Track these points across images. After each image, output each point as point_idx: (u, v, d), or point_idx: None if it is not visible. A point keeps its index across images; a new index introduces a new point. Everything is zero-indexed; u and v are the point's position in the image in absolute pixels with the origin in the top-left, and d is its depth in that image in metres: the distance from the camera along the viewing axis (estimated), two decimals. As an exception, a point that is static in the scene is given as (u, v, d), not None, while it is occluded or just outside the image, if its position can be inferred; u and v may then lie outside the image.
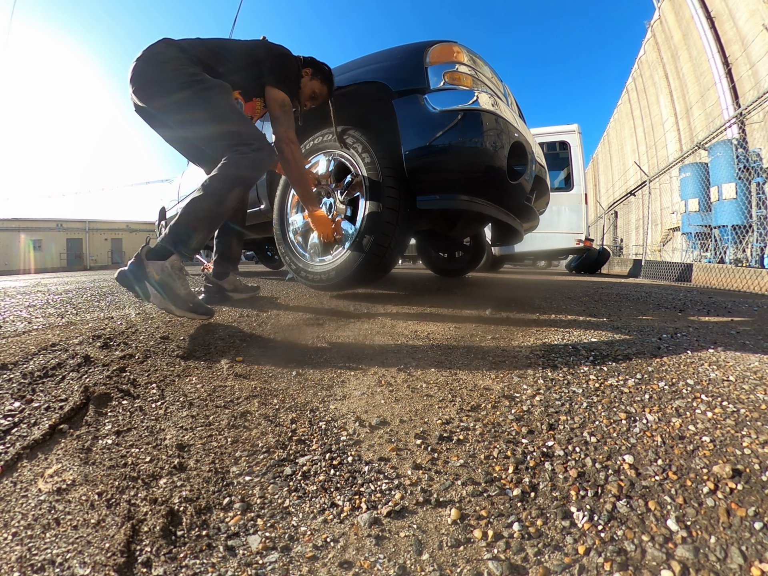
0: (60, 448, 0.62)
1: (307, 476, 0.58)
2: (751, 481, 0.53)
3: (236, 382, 0.87)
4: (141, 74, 1.30)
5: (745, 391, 0.79)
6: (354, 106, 1.93)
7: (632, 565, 0.42)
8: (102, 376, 0.85)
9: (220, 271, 1.77)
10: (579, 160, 5.77)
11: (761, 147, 6.34)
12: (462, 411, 0.76)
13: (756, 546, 0.44)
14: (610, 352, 1.06)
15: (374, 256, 1.57)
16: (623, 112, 15.76)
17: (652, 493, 0.53)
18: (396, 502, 0.52)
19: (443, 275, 3.67)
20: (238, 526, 0.48)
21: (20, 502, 0.51)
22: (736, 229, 5.90)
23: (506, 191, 1.67)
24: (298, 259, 1.86)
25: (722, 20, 8.99)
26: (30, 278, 4.62)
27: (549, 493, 0.54)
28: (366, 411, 0.76)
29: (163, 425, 0.69)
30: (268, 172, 2.20)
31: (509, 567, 0.43)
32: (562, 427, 0.69)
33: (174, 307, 1.19)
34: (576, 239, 5.63)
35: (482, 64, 1.69)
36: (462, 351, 1.10)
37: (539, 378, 0.90)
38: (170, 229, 1.22)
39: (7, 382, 0.81)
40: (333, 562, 0.44)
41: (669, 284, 4.04)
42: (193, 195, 1.27)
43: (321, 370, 0.94)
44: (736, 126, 7.61)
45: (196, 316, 1.25)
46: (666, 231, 10.94)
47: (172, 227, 1.23)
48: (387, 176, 1.56)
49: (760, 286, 3.25)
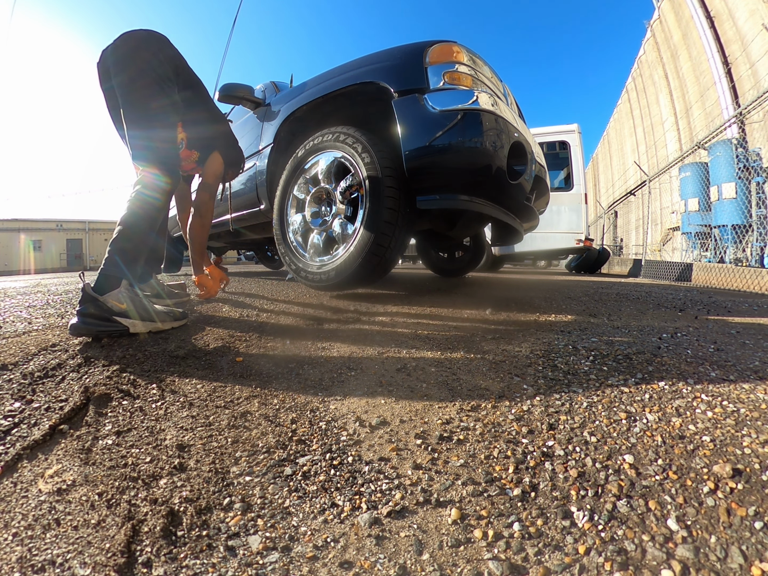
0: (60, 449, 0.62)
1: (307, 476, 0.58)
2: (751, 480, 0.53)
3: (236, 382, 0.87)
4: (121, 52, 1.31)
5: (745, 390, 0.79)
6: (354, 107, 1.93)
7: (632, 565, 0.42)
8: (102, 376, 0.85)
9: (142, 274, 1.61)
10: (579, 160, 5.77)
11: (761, 146, 6.34)
12: (462, 411, 0.76)
13: (756, 545, 0.44)
14: (610, 352, 1.06)
15: (374, 256, 1.57)
16: (623, 111, 15.76)
17: (653, 492, 0.53)
18: (396, 502, 0.52)
19: (443, 275, 3.67)
20: (238, 527, 0.48)
21: (20, 502, 0.51)
22: (736, 229, 5.90)
23: (506, 191, 1.67)
24: (298, 259, 1.86)
25: (722, 20, 8.99)
26: (30, 278, 4.62)
27: (549, 492, 0.54)
28: (366, 411, 0.76)
29: (163, 425, 0.69)
30: (268, 172, 2.20)
31: (509, 567, 0.43)
32: (562, 426, 0.69)
33: (160, 324, 1.18)
34: (576, 239, 5.63)
35: (482, 64, 1.69)
36: (462, 351, 1.10)
37: (539, 378, 0.90)
38: (108, 260, 1.14)
39: (7, 382, 0.81)
40: (333, 562, 0.44)
41: (669, 284, 4.04)
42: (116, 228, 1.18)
43: (321, 370, 0.94)
44: (736, 125, 7.61)
45: (181, 322, 1.27)
46: (666, 231, 10.94)
47: (109, 259, 1.14)
48: (387, 176, 1.56)
49: (760, 285, 3.25)
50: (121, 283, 1.13)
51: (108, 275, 1.11)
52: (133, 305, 1.12)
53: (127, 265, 1.16)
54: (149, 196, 1.23)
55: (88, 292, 1.06)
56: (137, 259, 1.22)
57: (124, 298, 1.10)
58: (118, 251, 1.14)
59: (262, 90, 2.71)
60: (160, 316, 1.19)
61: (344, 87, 1.75)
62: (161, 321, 1.18)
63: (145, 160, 1.27)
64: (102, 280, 1.09)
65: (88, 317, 1.05)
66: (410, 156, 1.50)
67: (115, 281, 1.11)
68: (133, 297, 1.14)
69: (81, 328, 1.04)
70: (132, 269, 1.18)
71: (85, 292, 1.06)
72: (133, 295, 1.15)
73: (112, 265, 1.12)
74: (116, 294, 1.09)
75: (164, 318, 1.20)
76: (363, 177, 1.61)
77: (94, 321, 1.05)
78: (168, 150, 1.32)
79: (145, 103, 1.28)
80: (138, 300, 1.15)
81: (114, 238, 1.15)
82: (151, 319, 1.16)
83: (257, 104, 2.43)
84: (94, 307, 1.05)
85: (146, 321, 1.14)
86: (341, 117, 2.01)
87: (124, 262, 1.14)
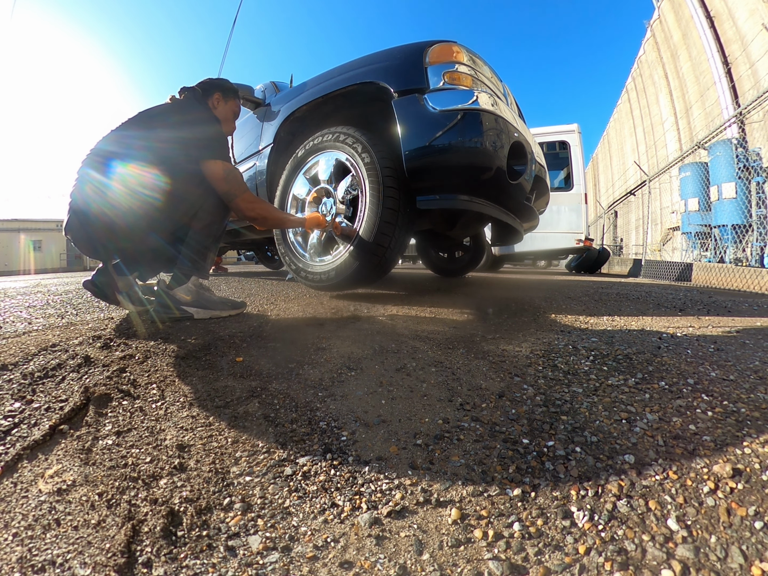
0: (60, 449, 0.62)
1: (307, 476, 0.58)
2: (751, 480, 0.53)
3: (236, 382, 0.87)
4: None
5: (746, 390, 0.79)
6: (354, 107, 1.93)
7: (633, 565, 0.42)
8: (102, 376, 0.85)
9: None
10: (579, 160, 5.77)
11: (761, 146, 6.33)
12: (462, 411, 0.76)
13: (756, 545, 0.44)
14: (610, 351, 1.06)
15: (374, 256, 1.57)
16: (623, 111, 15.75)
17: (653, 492, 0.53)
18: (396, 502, 0.52)
19: (443, 275, 3.67)
20: (238, 527, 0.48)
21: (21, 502, 0.51)
22: (735, 229, 5.89)
23: (506, 191, 1.67)
24: (298, 259, 1.86)
25: (722, 20, 8.99)
26: (30, 279, 4.62)
27: (549, 492, 0.54)
28: (366, 411, 0.76)
29: (163, 425, 0.69)
30: (268, 172, 2.20)
31: (510, 567, 0.43)
32: (562, 426, 0.69)
33: (219, 312, 1.40)
34: (576, 239, 5.63)
35: (482, 64, 1.69)
36: (462, 351, 1.10)
37: (539, 378, 0.90)
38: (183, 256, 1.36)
39: (7, 382, 0.81)
40: (333, 563, 0.44)
41: (669, 284, 4.04)
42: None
43: (321, 370, 0.94)
44: (736, 125, 7.61)
45: (239, 310, 1.47)
46: (666, 230, 10.93)
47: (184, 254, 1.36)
48: (387, 176, 1.56)
49: (760, 285, 3.25)
50: (189, 280, 1.34)
51: (181, 273, 1.34)
52: (197, 297, 1.36)
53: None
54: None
55: (162, 287, 1.34)
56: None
57: (189, 291, 1.34)
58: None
59: (262, 90, 2.71)
60: (218, 305, 1.41)
61: (344, 87, 1.75)
62: (219, 309, 1.40)
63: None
64: (175, 276, 1.35)
65: (161, 306, 1.32)
66: (410, 156, 1.50)
67: (183, 277, 1.34)
68: (197, 290, 1.37)
69: (157, 314, 1.32)
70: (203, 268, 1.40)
71: (159, 287, 1.34)
72: (198, 289, 1.37)
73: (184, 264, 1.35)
74: (184, 288, 1.34)
75: (222, 307, 1.42)
76: (363, 177, 1.61)
77: (165, 309, 1.32)
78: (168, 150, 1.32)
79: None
80: (201, 293, 1.38)
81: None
82: (211, 308, 1.38)
83: (257, 104, 2.43)
84: (167, 297, 1.32)
85: (207, 309, 1.37)
86: (341, 117, 2.01)
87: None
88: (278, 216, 1.57)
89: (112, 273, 1.38)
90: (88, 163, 1.28)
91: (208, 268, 1.42)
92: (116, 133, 1.31)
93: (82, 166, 1.28)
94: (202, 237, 1.35)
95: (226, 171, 1.31)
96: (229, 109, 1.55)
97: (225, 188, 1.32)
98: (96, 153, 1.28)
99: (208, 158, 1.30)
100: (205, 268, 1.40)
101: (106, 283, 1.39)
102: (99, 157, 1.27)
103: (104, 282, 1.39)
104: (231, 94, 1.55)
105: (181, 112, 1.37)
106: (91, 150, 1.30)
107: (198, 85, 1.51)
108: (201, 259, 1.37)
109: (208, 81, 1.52)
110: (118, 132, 1.32)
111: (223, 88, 1.53)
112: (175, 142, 1.29)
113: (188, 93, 1.47)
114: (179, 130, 1.30)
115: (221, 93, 1.51)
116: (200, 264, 1.37)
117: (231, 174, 1.32)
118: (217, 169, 1.30)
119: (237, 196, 1.34)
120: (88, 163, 1.27)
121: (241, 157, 2.54)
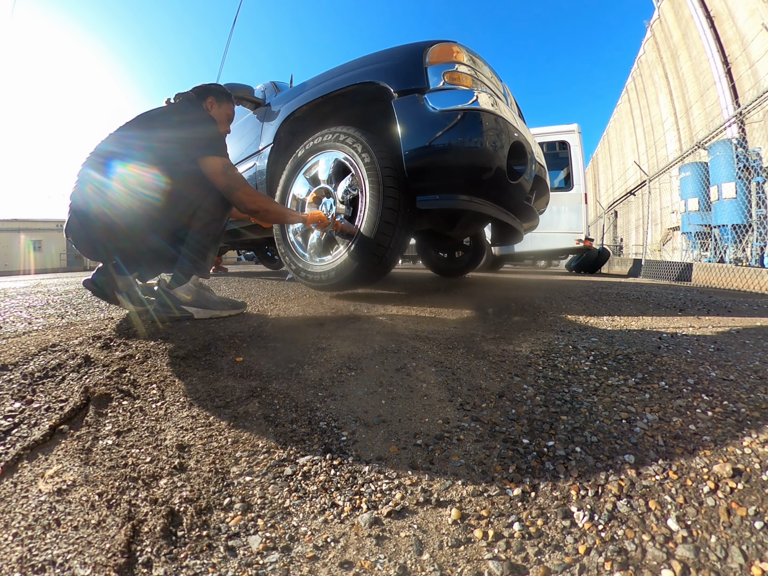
0: (60, 449, 0.62)
1: (307, 476, 0.58)
2: (751, 480, 0.53)
3: (236, 382, 0.87)
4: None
5: (746, 390, 0.79)
6: (354, 107, 1.93)
7: (633, 565, 0.42)
8: (102, 376, 0.85)
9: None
10: (579, 160, 5.76)
11: (761, 146, 6.33)
12: (462, 411, 0.76)
13: (756, 545, 0.44)
14: (610, 351, 1.06)
15: (374, 256, 1.57)
16: (623, 111, 15.75)
17: (653, 492, 0.53)
18: (396, 502, 0.52)
19: (443, 275, 3.67)
20: (238, 527, 0.48)
21: (21, 502, 0.51)
22: (736, 229, 5.89)
23: (506, 191, 1.67)
24: (298, 259, 1.86)
25: (722, 20, 8.98)
26: (30, 279, 4.62)
27: (549, 492, 0.54)
28: (366, 411, 0.76)
29: (163, 426, 0.69)
30: (268, 172, 2.20)
31: (510, 567, 0.43)
32: (562, 426, 0.69)
33: (219, 312, 1.40)
34: (576, 239, 5.63)
35: (482, 64, 1.69)
36: (462, 351, 1.10)
37: (539, 378, 0.90)
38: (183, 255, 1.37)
39: (7, 382, 0.81)
40: (333, 563, 0.44)
41: (669, 284, 4.04)
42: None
43: (321, 370, 0.94)
44: (736, 125, 7.60)
45: (239, 310, 1.48)
46: (666, 230, 10.93)
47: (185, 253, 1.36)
48: (387, 176, 1.56)
49: (760, 285, 3.25)
50: (189, 279, 1.35)
51: (181, 273, 1.35)
52: (197, 296, 1.36)
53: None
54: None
55: (162, 287, 1.34)
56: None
57: (190, 291, 1.35)
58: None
59: (262, 90, 2.71)
60: (218, 305, 1.42)
61: (344, 87, 1.75)
62: (220, 309, 1.41)
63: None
64: (175, 276, 1.35)
65: (161, 306, 1.33)
66: (410, 156, 1.50)
67: (184, 277, 1.34)
68: (197, 290, 1.37)
69: (157, 313, 1.33)
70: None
71: (160, 286, 1.34)
72: (198, 288, 1.38)
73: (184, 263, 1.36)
74: (184, 288, 1.34)
75: (222, 307, 1.43)
76: (363, 177, 1.61)
77: (165, 308, 1.32)
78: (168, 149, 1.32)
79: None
80: (201, 293, 1.39)
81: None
82: (211, 308, 1.39)
83: (257, 104, 2.43)
84: (167, 297, 1.33)
85: (207, 309, 1.38)
86: (341, 117, 2.01)
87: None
88: (279, 209, 1.56)
89: (112, 272, 1.39)
90: (88, 163, 1.29)
91: (208, 268, 1.43)
92: (116, 134, 1.32)
93: (83, 167, 1.29)
94: (201, 236, 1.36)
95: (225, 166, 1.31)
96: (223, 111, 1.57)
97: (225, 182, 1.31)
98: (96, 153, 1.30)
99: (207, 155, 1.30)
100: (205, 268, 1.40)
101: (106, 282, 1.40)
102: (99, 157, 1.28)
103: (104, 281, 1.40)
104: (224, 98, 1.58)
105: (180, 113, 1.38)
106: (91, 152, 1.31)
107: (192, 90, 1.53)
108: (201, 259, 1.37)
109: (201, 86, 1.56)
110: (118, 133, 1.33)
111: (216, 91, 1.56)
112: (174, 141, 1.29)
113: (184, 97, 1.50)
114: (178, 130, 1.31)
115: (214, 96, 1.55)
116: (200, 263, 1.37)
117: (230, 168, 1.33)
118: (216, 165, 1.30)
119: (237, 189, 1.33)
120: (89, 163, 1.29)
121: (241, 157, 2.54)
